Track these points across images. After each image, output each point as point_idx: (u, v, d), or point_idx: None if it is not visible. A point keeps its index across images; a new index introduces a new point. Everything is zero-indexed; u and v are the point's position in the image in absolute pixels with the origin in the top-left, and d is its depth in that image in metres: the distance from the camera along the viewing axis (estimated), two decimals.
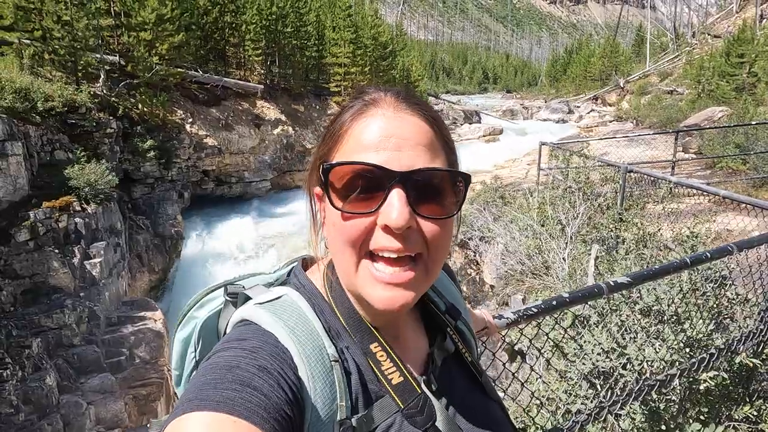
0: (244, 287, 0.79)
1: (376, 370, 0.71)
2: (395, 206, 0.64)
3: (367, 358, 0.72)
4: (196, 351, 0.81)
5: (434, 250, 0.68)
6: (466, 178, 0.70)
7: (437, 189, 0.67)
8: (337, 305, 0.75)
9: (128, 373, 10.50)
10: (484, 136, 32.47)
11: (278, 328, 0.68)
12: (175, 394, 0.85)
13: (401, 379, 0.72)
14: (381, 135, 0.67)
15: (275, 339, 0.67)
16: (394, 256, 0.66)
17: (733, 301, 2.77)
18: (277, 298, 0.73)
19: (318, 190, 0.75)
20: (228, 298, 0.79)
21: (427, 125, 0.70)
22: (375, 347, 0.73)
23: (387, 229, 0.65)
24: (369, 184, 0.65)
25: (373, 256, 0.67)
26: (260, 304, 0.72)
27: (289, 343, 0.66)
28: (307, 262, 0.86)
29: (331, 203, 0.68)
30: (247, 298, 0.76)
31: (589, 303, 2.33)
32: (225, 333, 0.77)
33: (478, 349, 0.96)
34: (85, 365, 9.83)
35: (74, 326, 10.01)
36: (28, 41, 13.70)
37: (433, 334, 0.84)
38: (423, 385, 0.74)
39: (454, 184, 0.69)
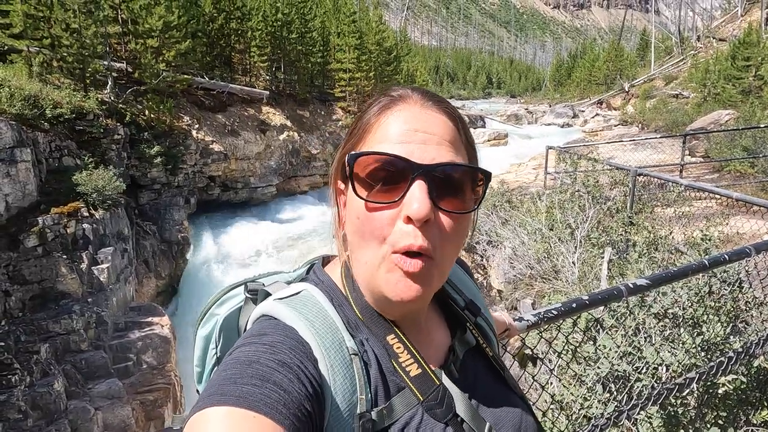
0: (264, 284, 0.80)
1: (393, 362, 0.72)
2: (417, 197, 0.65)
3: (386, 350, 0.72)
4: (217, 348, 0.83)
5: (449, 245, 0.69)
6: (487, 176, 0.72)
7: (458, 184, 0.69)
8: (354, 299, 0.75)
9: (135, 378, 10.51)
10: (489, 140, 32.45)
11: (298, 322, 0.68)
12: (197, 390, 0.86)
13: (419, 371, 0.72)
14: (407, 128, 0.68)
15: (295, 333, 0.67)
16: (412, 249, 0.66)
17: (750, 304, 2.74)
18: (296, 294, 0.74)
19: (340, 184, 0.75)
20: (248, 296, 0.80)
21: (452, 123, 0.71)
22: (392, 339, 0.73)
23: (408, 220, 0.66)
24: (393, 175, 0.67)
25: (392, 249, 0.68)
26: (280, 299, 0.73)
27: (308, 336, 0.67)
28: (326, 260, 0.86)
29: (356, 193, 0.69)
30: (267, 295, 0.77)
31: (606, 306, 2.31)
32: (245, 327, 0.78)
33: (498, 350, 0.96)
34: (92, 371, 9.85)
35: (82, 332, 10.04)
36: (37, 49, 13.82)
37: (453, 329, 0.85)
38: (444, 376, 0.75)
39: (474, 181, 0.71)
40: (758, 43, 25.50)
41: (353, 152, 0.69)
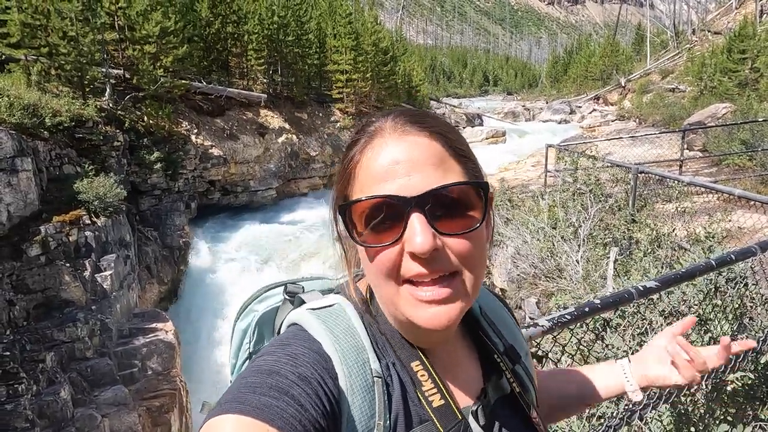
0: (303, 288, 0.81)
1: (417, 390, 0.70)
2: (417, 231, 0.63)
3: (411, 377, 0.71)
4: (251, 342, 0.84)
5: (468, 265, 0.67)
6: (484, 187, 0.68)
7: (456, 204, 0.66)
8: (381, 322, 0.75)
9: (141, 384, 10.54)
10: (487, 138, 32.49)
11: (324, 336, 0.68)
12: (231, 382, 0.87)
13: (442, 402, 0.70)
14: (389, 163, 0.66)
15: (319, 346, 0.67)
16: (427, 279, 0.65)
17: (756, 301, 2.78)
18: (329, 306, 0.74)
19: (343, 228, 0.73)
20: (286, 297, 0.81)
21: (435, 141, 0.68)
22: (416, 366, 0.71)
23: (414, 255, 0.64)
24: (388, 215, 0.65)
25: (411, 281, 0.66)
26: (312, 309, 0.73)
27: (332, 351, 0.67)
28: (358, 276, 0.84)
29: (356, 241, 0.68)
30: (303, 302, 0.78)
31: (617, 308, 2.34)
32: (279, 329, 0.79)
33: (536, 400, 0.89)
34: (98, 378, 9.87)
35: (87, 339, 10.07)
36: (35, 57, 13.83)
37: (488, 372, 0.81)
38: (470, 416, 0.72)
39: (473, 195, 0.67)
40: (753, 35, 25.55)
41: (342, 204, 0.68)
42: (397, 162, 0.66)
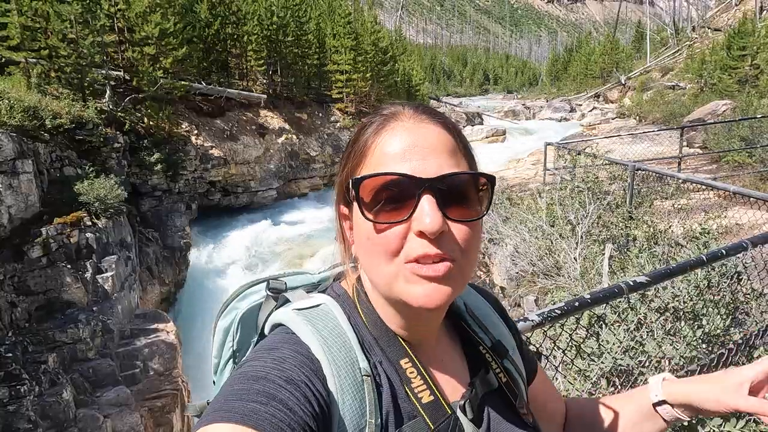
0: (286, 285, 0.81)
1: (406, 387, 0.71)
2: (427, 212, 0.65)
3: (399, 375, 0.72)
4: (234, 341, 0.83)
5: (466, 253, 0.69)
6: (492, 180, 0.71)
7: (465, 193, 0.69)
8: (368, 319, 0.75)
9: (143, 385, 10.58)
10: (487, 137, 32.45)
11: (311, 337, 0.69)
12: (213, 382, 0.86)
13: (431, 398, 0.71)
14: (405, 145, 0.68)
15: (306, 349, 0.68)
16: (430, 261, 0.66)
17: (749, 296, 2.79)
18: (315, 306, 0.74)
19: (344, 209, 0.75)
20: (269, 293, 0.81)
21: (448, 133, 0.71)
22: (405, 363, 0.72)
23: (422, 235, 0.65)
24: (399, 194, 0.66)
25: (407, 260, 0.67)
26: (299, 310, 0.73)
27: (320, 353, 0.67)
28: (342, 273, 0.85)
29: (364, 216, 0.68)
30: (287, 300, 0.78)
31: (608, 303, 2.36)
32: (263, 326, 0.79)
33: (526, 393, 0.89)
34: (100, 379, 9.91)
35: (88, 340, 10.11)
36: (35, 60, 13.87)
37: (475, 367, 0.82)
38: (458, 410, 0.73)
39: (480, 187, 0.70)
40: (753, 32, 25.52)
41: (356, 177, 0.69)
42: (415, 145, 0.68)
